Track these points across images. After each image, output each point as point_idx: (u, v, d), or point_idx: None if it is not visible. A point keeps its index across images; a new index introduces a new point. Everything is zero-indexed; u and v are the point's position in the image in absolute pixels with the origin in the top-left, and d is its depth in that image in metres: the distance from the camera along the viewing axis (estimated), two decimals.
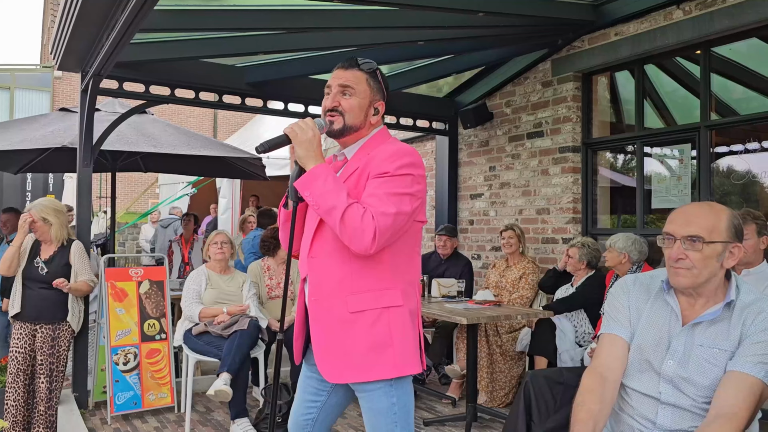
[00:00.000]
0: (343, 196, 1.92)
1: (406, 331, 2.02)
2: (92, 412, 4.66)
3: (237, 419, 4.11)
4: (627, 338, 1.93)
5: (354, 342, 2.00)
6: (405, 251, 2.07)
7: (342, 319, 2.01)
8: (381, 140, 2.13)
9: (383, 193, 1.94)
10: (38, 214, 4.15)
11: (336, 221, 1.91)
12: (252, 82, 5.34)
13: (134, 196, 18.42)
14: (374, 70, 2.13)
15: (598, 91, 5.42)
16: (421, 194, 2.02)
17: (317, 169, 1.96)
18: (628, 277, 2.05)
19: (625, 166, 5.48)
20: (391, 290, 2.02)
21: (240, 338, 4.16)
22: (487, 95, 6.13)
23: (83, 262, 4.25)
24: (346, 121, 2.09)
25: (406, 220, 1.98)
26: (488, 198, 6.17)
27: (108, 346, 4.55)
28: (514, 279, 5.07)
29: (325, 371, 2.04)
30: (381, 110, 2.15)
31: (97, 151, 4.90)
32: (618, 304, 1.99)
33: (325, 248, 2.05)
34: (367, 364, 1.99)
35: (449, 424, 4.42)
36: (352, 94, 2.09)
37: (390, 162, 1.97)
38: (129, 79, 4.93)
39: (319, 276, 2.07)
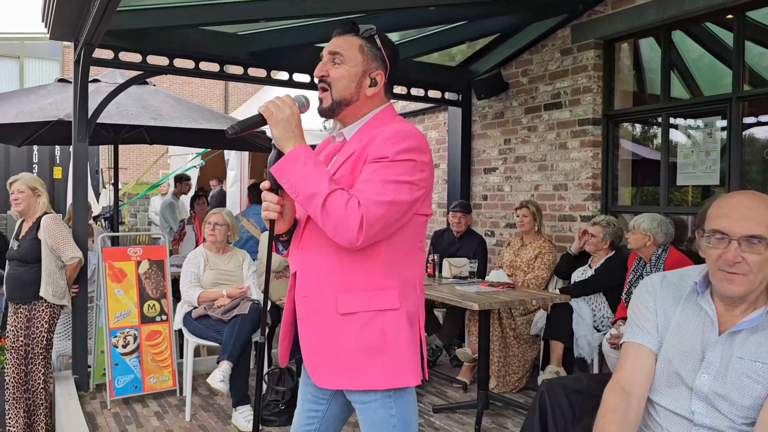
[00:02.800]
0: (325, 181, 1.68)
1: (402, 337, 1.80)
2: (92, 395, 4.54)
3: (239, 407, 3.96)
4: (654, 348, 1.69)
5: (343, 345, 1.79)
6: (404, 247, 1.83)
7: (331, 320, 1.81)
8: (385, 119, 1.88)
9: (378, 179, 1.70)
10: (28, 183, 4.08)
11: (317, 210, 1.68)
12: (255, 51, 5.08)
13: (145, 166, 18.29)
14: (372, 35, 1.87)
15: (620, 59, 5.09)
16: (424, 183, 1.77)
17: (295, 152, 1.72)
18: (655, 277, 1.79)
19: (649, 138, 5.18)
20: (386, 291, 1.80)
21: (241, 323, 3.98)
22: (502, 64, 5.81)
23: (58, 236, 4.06)
24: (334, 94, 1.84)
25: (404, 211, 1.74)
26: (503, 172, 5.90)
27: (106, 328, 4.40)
28: (529, 259, 4.84)
29: (315, 375, 1.85)
30: (380, 81, 1.87)
31: (93, 124, 4.69)
32: (643, 308, 1.74)
33: (315, 239, 1.82)
34: (356, 371, 1.78)
35: (460, 411, 4.24)
36: (341, 62, 1.84)
37: (389, 145, 1.73)
38: (125, 48, 4.69)
39: (308, 270, 1.85)
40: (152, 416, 4.17)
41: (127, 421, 4.08)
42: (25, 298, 4.03)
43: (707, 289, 1.69)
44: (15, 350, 4.00)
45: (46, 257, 4.05)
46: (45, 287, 4.03)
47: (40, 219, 4.10)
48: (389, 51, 1.89)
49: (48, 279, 4.05)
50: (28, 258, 4.02)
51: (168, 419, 4.12)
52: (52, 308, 4.09)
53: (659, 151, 4.76)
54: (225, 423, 4.03)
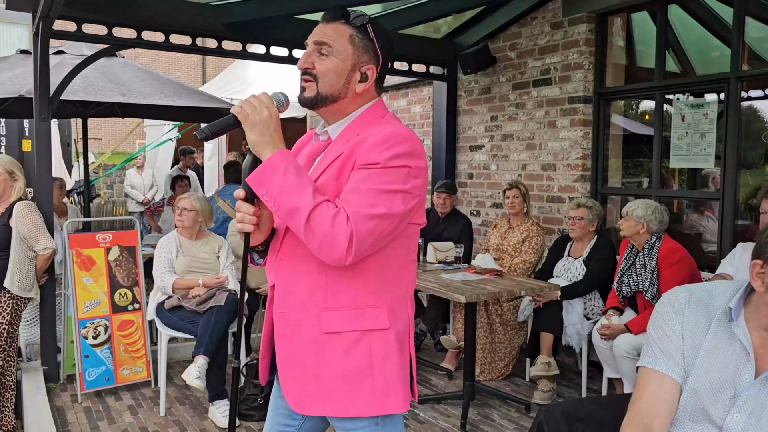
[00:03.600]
0: (309, 193, 1.48)
1: (390, 359, 1.63)
2: (63, 387, 4.35)
3: (216, 401, 3.80)
4: (678, 378, 1.50)
5: (326, 368, 1.62)
6: (395, 260, 1.65)
7: (313, 339, 1.63)
8: (374, 118, 1.67)
9: (368, 189, 1.51)
10: (6, 167, 3.86)
11: (300, 226, 1.48)
12: (230, 22, 4.77)
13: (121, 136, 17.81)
14: (364, 24, 1.65)
15: (613, 34, 4.87)
16: (418, 191, 1.59)
17: (275, 160, 1.51)
18: (681, 293, 1.59)
19: (641, 117, 5.00)
20: (374, 308, 1.63)
21: (217, 315, 3.79)
22: (490, 37, 5.56)
23: (31, 225, 3.82)
24: (320, 88, 1.63)
25: (398, 222, 1.55)
26: (489, 150, 5.70)
27: (75, 318, 4.19)
28: (517, 242, 4.68)
29: (292, 399, 1.67)
30: (371, 76, 1.66)
31: (56, 102, 4.39)
32: (668, 329, 1.53)
33: (296, 250, 1.63)
34: (340, 396, 1.62)
35: (445, 402, 4.13)
36: (329, 53, 1.62)
37: (381, 150, 1.53)
38: (89, 20, 4.36)
39: (287, 283, 1.67)
40: (125, 411, 4.00)
41: (98, 417, 3.90)
42: None
43: (741, 314, 1.51)
44: None
45: (16, 246, 3.81)
46: (11, 278, 3.80)
47: (13, 205, 3.85)
48: (382, 42, 1.68)
49: (15, 269, 3.81)
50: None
51: (142, 414, 3.95)
52: (15, 300, 3.86)
53: (652, 130, 4.59)
54: (201, 417, 3.87)
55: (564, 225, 4.98)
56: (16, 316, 3.88)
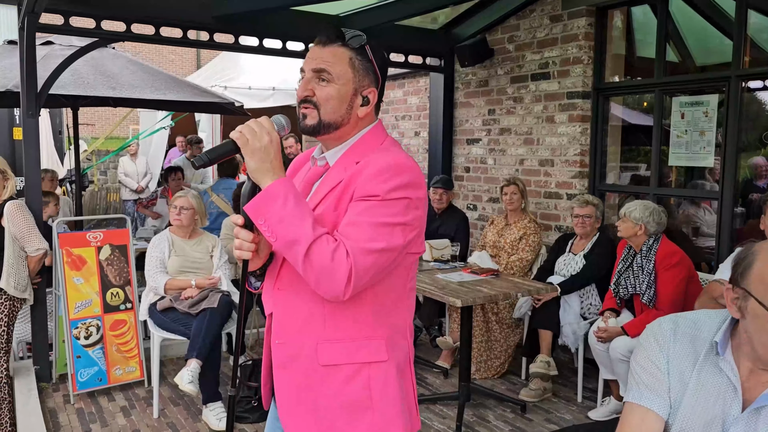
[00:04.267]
0: (308, 225, 1.43)
1: (389, 390, 1.60)
2: (55, 387, 4.31)
3: (209, 404, 3.77)
4: (663, 414, 1.45)
5: (325, 400, 1.59)
6: (394, 290, 1.61)
7: (311, 371, 1.59)
8: (373, 143, 1.62)
9: (368, 222, 1.46)
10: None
11: (299, 259, 1.43)
12: (221, 15, 4.67)
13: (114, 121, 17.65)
14: (363, 45, 1.59)
15: (613, 28, 4.79)
16: (418, 222, 1.54)
17: (274, 189, 1.46)
18: (666, 326, 1.52)
19: (641, 114, 4.94)
20: (373, 340, 1.59)
21: (210, 317, 3.74)
22: (488, 29, 5.47)
23: (23, 225, 3.76)
24: (322, 116, 1.57)
25: (396, 255, 1.51)
26: (486, 144, 5.63)
27: (66, 319, 4.14)
28: (514, 240, 4.63)
29: (289, 429, 1.64)
30: (372, 100, 1.61)
31: (44, 97, 4.30)
32: (651, 365, 1.47)
33: (294, 280, 1.58)
34: (339, 428, 1.59)
35: (441, 402, 4.10)
36: (329, 80, 1.56)
37: (380, 181, 1.47)
38: (76, 13, 4.26)
39: (285, 314, 1.62)
40: (118, 412, 3.97)
41: (91, 419, 3.87)
42: None
43: (728, 346, 1.46)
44: None
45: (9, 246, 3.76)
46: (6, 279, 3.75)
47: (4, 205, 3.78)
48: (380, 62, 1.62)
49: (10, 270, 3.76)
50: None
51: (135, 415, 3.92)
52: (12, 301, 3.81)
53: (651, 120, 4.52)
54: (195, 420, 3.84)
55: (561, 221, 4.94)
56: (13, 317, 3.84)
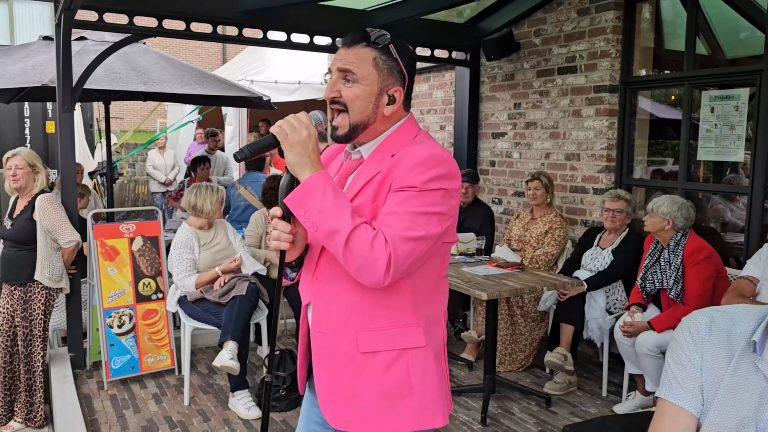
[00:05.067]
0: (347, 215, 1.49)
1: (428, 376, 1.66)
2: (89, 374, 4.44)
3: (236, 392, 3.85)
4: (696, 413, 1.43)
5: (364, 387, 1.64)
6: (430, 278, 1.67)
7: (350, 359, 1.65)
8: (406, 137, 1.67)
9: (406, 211, 1.52)
10: (27, 160, 3.88)
11: (339, 248, 1.49)
12: (250, 9, 4.73)
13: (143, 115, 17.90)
14: (387, 44, 1.62)
15: (641, 21, 4.75)
16: (453, 211, 1.60)
17: (313, 181, 1.52)
18: (701, 320, 1.50)
19: (669, 108, 4.89)
20: (411, 327, 1.64)
21: (240, 304, 3.83)
22: (514, 23, 5.45)
23: (54, 218, 3.85)
24: (351, 118, 1.63)
25: (433, 244, 1.57)
26: (512, 138, 5.63)
27: (100, 308, 4.25)
28: (540, 234, 4.63)
29: (329, 415, 1.70)
30: (398, 98, 1.65)
31: (79, 92, 4.41)
32: (686, 360, 1.44)
33: (332, 271, 1.64)
34: (378, 414, 1.64)
35: (465, 394, 4.14)
36: (354, 80, 1.61)
37: (418, 173, 1.53)
38: (110, 9, 4.36)
39: (324, 304, 1.69)
40: (150, 399, 4.08)
41: (124, 405, 3.98)
42: (20, 280, 3.87)
43: (767, 345, 1.44)
44: (3, 333, 3.85)
45: (42, 239, 3.87)
46: (41, 271, 3.86)
47: (35, 198, 3.89)
48: (407, 60, 1.66)
49: (44, 262, 3.87)
50: (22, 240, 3.84)
51: (166, 402, 4.02)
52: (48, 290, 3.93)
53: (679, 113, 4.48)
54: (224, 407, 3.93)
55: (587, 216, 4.92)
56: (50, 306, 3.97)
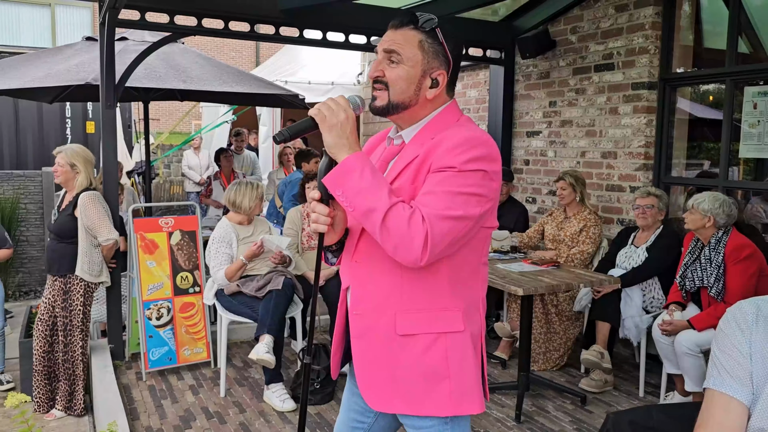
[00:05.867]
0: (384, 193, 1.50)
1: (466, 360, 1.66)
2: (128, 365, 4.54)
3: (271, 384, 3.90)
4: (746, 402, 1.40)
5: (403, 369, 1.66)
6: (470, 263, 1.67)
7: (389, 341, 1.66)
8: (448, 121, 1.68)
9: (444, 191, 1.52)
10: (68, 158, 3.96)
11: (376, 226, 1.50)
12: (287, 8, 4.79)
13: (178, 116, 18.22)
14: (434, 28, 1.63)
15: (681, 17, 4.67)
16: (493, 194, 1.60)
17: (351, 161, 1.54)
18: (748, 309, 1.47)
19: (710, 104, 4.80)
20: (450, 311, 1.65)
21: (276, 298, 3.88)
22: (550, 20, 5.42)
23: (94, 216, 3.92)
24: (391, 96, 1.64)
25: (472, 225, 1.56)
26: (547, 137, 5.59)
27: (139, 300, 4.35)
28: (574, 232, 4.58)
29: (369, 397, 1.72)
30: (442, 82, 1.66)
31: (121, 90, 4.53)
32: (733, 349, 1.42)
33: (372, 253, 1.66)
34: (417, 396, 1.66)
35: (499, 392, 4.12)
36: (398, 61, 1.63)
37: (457, 153, 1.54)
38: (152, 8, 4.46)
39: (363, 286, 1.70)
40: (187, 390, 4.15)
41: (162, 395, 4.06)
42: (61, 272, 3.98)
43: None
44: (43, 322, 3.97)
45: (82, 235, 3.96)
46: (81, 265, 3.96)
47: (78, 195, 3.99)
48: (452, 45, 1.67)
49: (84, 258, 3.97)
50: (64, 234, 3.94)
51: (203, 394, 4.09)
52: (87, 283, 4.03)
53: (718, 113, 4.40)
54: (259, 399, 3.98)
55: (624, 214, 4.86)
56: (89, 298, 4.06)
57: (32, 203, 8.23)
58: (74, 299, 3.98)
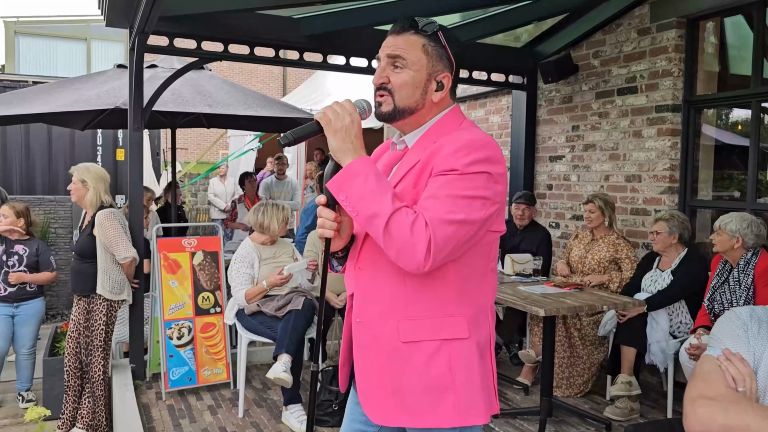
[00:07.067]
0: (388, 199, 1.48)
1: (471, 370, 1.60)
2: (148, 385, 4.54)
3: (290, 405, 3.86)
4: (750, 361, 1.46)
5: (406, 379, 1.61)
6: (476, 269, 1.62)
7: (392, 350, 1.62)
8: (452, 125, 1.66)
9: (446, 195, 1.49)
10: (79, 176, 4.01)
11: (379, 232, 1.48)
12: (311, 34, 4.89)
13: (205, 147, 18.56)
14: (435, 31, 1.63)
15: (704, 39, 4.65)
16: (499, 197, 1.56)
17: (355, 166, 1.52)
18: (742, 311, 1.52)
19: (735, 127, 4.74)
20: (454, 318, 1.60)
21: (295, 319, 3.87)
22: (572, 45, 5.44)
23: (111, 234, 3.94)
24: (397, 102, 1.63)
25: (477, 229, 1.53)
26: (570, 161, 5.56)
27: (161, 319, 4.37)
28: (602, 258, 4.47)
29: (370, 410, 1.66)
30: (447, 84, 1.65)
31: (148, 113, 4.63)
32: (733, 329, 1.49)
33: (375, 259, 1.63)
34: (420, 408, 1.60)
35: (521, 417, 4.02)
36: (403, 66, 1.62)
37: (460, 156, 1.51)
38: (179, 34, 4.59)
39: (366, 293, 1.67)
40: (206, 410, 4.13)
41: (181, 415, 4.05)
42: (84, 291, 4.01)
43: None
44: (73, 339, 4.01)
45: (101, 254, 3.99)
46: (101, 284, 3.98)
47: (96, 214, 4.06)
48: (455, 48, 1.66)
49: (104, 276, 3.98)
50: (85, 253, 3.98)
51: (221, 414, 4.07)
52: (109, 302, 4.05)
53: (746, 135, 4.34)
54: (277, 420, 3.94)
55: (649, 239, 4.77)
56: (112, 317, 4.07)
57: (62, 227, 8.41)
58: (97, 319, 4.01)
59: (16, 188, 9.09)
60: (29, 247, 4.68)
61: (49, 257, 4.77)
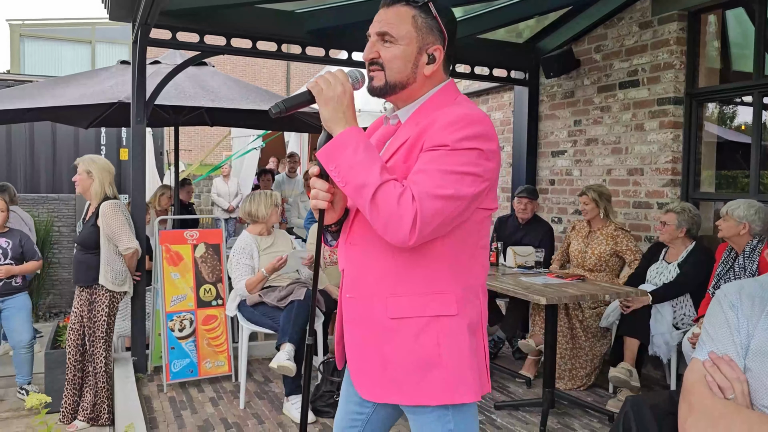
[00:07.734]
0: (376, 170, 1.46)
1: (459, 347, 1.58)
2: (150, 377, 4.55)
3: (291, 396, 3.86)
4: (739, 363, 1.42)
5: (395, 355, 1.60)
6: (467, 246, 1.61)
7: (381, 326, 1.61)
8: (445, 100, 1.64)
9: (436, 169, 1.47)
10: (84, 166, 4.02)
11: (366, 202, 1.46)
12: (313, 29, 4.91)
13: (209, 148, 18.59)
14: (426, 2, 1.61)
15: (706, 32, 4.65)
16: (489, 174, 1.54)
17: (345, 136, 1.51)
18: (731, 289, 1.47)
19: (737, 119, 4.73)
20: (443, 295, 1.59)
21: (297, 309, 3.86)
22: (574, 40, 5.44)
23: (114, 225, 3.95)
24: (388, 76, 1.61)
25: (465, 206, 1.51)
26: (572, 156, 5.55)
27: (163, 312, 4.38)
28: (602, 252, 4.45)
29: (360, 386, 1.66)
30: (439, 57, 1.63)
31: (151, 106, 4.65)
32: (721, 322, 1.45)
33: (366, 234, 1.62)
34: (408, 384, 1.59)
35: (523, 409, 4.01)
36: (392, 41, 1.60)
37: (451, 131, 1.49)
38: (182, 28, 4.60)
39: (357, 269, 1.66)
40: (207, 402, 4.13)
41: (182, 407, 4.05)
42: (87, 282, 4.02)
43: None
44: (74, 331, 4.01)
45: (105, 245, 4.00)
46: (104, 275, 3.99)
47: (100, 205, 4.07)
48: (446, 20, 1.64)
49: (107, 267, 4.00)
50: (88, 244, 3.99)
51: (222, 406, 4.06)
52: (112, 294, 4.06)
53: (749, 133, 4.33)
54: (279, 412, 3.94)
55: (652, 231, 4.77)
56: (114, 309, 4.07)
57: (65, 226, 8.43)
58: (99, 310, 4.01)
59: (20, 187, 9.12)
60: (11, 239, 4.58)
61: (32, 246, 4.72)
